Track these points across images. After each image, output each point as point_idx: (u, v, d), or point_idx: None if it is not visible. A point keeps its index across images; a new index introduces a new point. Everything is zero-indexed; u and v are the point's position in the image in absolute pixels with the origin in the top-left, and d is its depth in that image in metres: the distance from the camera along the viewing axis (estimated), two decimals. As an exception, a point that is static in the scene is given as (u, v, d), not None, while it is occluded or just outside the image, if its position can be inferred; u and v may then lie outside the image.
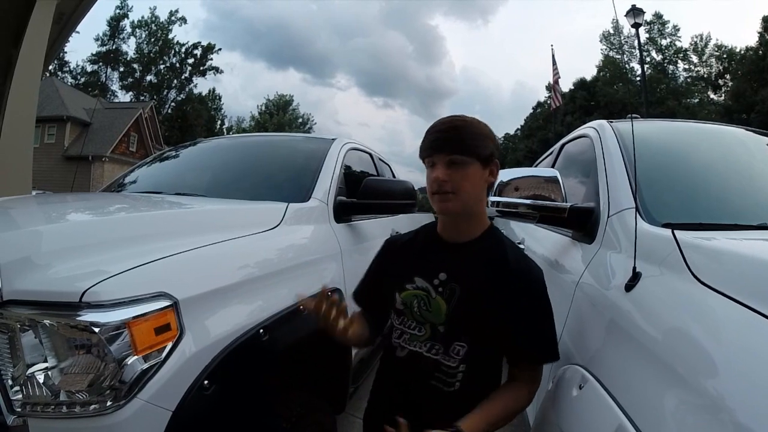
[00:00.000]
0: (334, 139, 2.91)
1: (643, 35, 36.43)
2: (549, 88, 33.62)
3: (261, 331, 1.38)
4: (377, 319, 1.43)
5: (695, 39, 38.99)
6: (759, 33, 31.35)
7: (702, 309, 0.91)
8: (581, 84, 41.07)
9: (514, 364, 1.27)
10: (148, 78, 46.47)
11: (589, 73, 42.82)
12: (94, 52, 44.82)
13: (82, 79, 44.25)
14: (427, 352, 1.25)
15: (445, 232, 1.32)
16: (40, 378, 1.05)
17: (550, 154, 3.29)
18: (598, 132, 2.02)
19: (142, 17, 45.69)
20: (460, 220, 1.29)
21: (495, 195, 1.74)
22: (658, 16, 39.21)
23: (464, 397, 1.21)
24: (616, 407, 0.90)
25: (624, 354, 1.04)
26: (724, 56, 37.20)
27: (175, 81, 47.25)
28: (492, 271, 1.24)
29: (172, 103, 47.27)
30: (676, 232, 1.15)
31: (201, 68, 48.27)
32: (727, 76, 36.52)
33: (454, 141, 1.22)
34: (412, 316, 1.28)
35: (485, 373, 1.28)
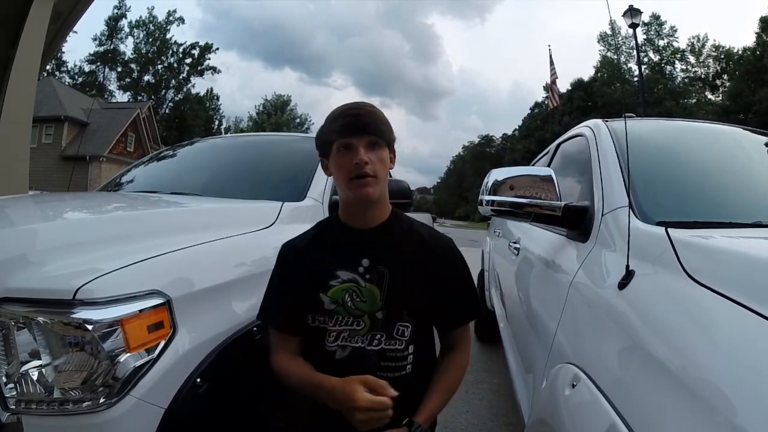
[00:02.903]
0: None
1: (641, 36, 36.47)
2: (546, 88, 33.65)
3: (254, 329, 1.37)
4: (300, 335, 1.28)
5: (692, 39, 39.13)
6: (756, 33, 31.48)
7: (695, 307, 0.91)
8: (579, 84, 41.19)
9: (446, 330, 1.33)
10: (146, 78, 46.55)
11: (587, 73, 42.85)
12: (91, 52, 44.96)
13: (80, 79, 44.29)
14: (369, 345, 1.21)
15: (353, 221, 1.28)
16: (34, 375, 1.05)
17: (546, 153, 3.28)
18: (594, 131, 2.02)
19: (140, 17, 45.78)
20: (373, 206, 1.26)
21: (490, 194, 1.74)
22: (655, 17, 39.32)
23: (416, 378, 1.24)
24: (608, 406, 0.90)
25: (617, 352, 1.03)
26: (722, 57, 37.33)
27: (173, 81, 47.22)
28: (412, 248, 1.27)
29: (170, 103, 47.30)
30: (669, 230, 1.15)
31: (199, 68, 48.27)
32: (725, 77, 36.63)
33: (373, 123, 1.21)
34: (346, 311, 1.21)
35: (429, 350, 1.32)
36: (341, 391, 1.08)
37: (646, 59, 38.09)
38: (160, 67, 46.76)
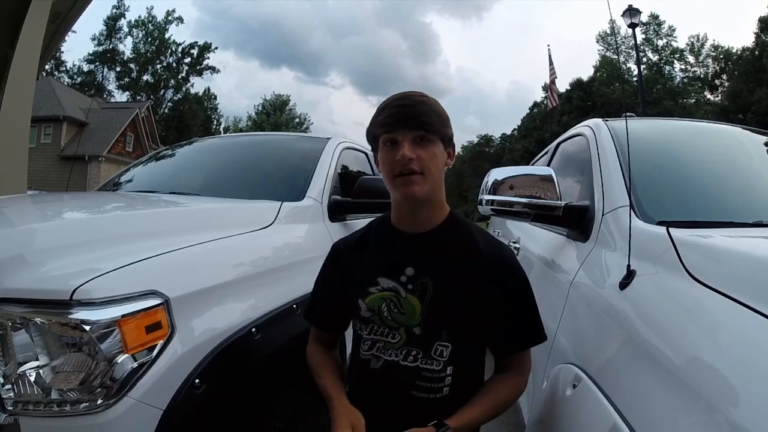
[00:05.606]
0: (329, 139, 2.89)
1: (640, 36, 36.48)
2: (545, 88, 33.64)
3: (253, 330, 1.37)
4: (341, 336, 1.34)
5: (692, 39, 39.16)
6: (755, 33, 31.50)
7: (697, 307, 0.91)
8: (578, 84, 41.19)
9: (501, 355, 1.20)
10: (145, 78, 46.34)
11: (586, 73, 42.88)
12: (90, 52, 44.70)
13: (79, 79, 44.10)
14: (404, 360, 1.14)
15: (402, 223, 1.20)
16: (32, 376, 1.04)
17: (546, 152, 3.28)
18: (594, 131, 2.02)
19: (139, 17, 45.64)
20: (423, 206, 1.17)
21: (490, 193, 1.73)
22: (654, 16, 39.34)
23: (456, 402, 1.12)
24: (610, 406, 0.89)
25: (618, 353, 1.03)
26: (721, 56, 37.35)
27: (172, 81, 47.15)
28: (463, 258, 1.15)
29: (169, 103, 47.17)
30: (671, 229, 1.15)
31: (198, 68, 48.18)
32: (724, 77, 36.67)
33: (422, 116, 1.11)
34: (382, 322, 1.16)
35: (473, 372, 1.20)
36: (333, 421, 1.09)
37: (645, 59, 38.12)
38: (159, 66, 46.66)
